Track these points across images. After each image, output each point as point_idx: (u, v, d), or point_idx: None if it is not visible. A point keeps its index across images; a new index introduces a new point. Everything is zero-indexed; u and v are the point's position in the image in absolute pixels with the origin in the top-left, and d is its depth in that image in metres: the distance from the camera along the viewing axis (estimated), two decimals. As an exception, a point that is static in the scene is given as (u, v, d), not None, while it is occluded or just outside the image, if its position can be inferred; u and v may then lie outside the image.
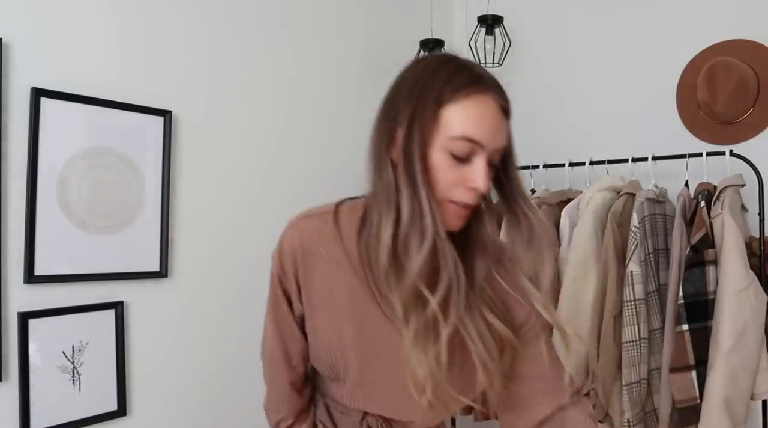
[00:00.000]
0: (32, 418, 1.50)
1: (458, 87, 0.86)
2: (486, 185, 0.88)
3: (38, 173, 1.52)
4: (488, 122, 0.87)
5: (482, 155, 0.87)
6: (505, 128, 0.90)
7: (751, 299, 1.75)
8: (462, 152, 0.86)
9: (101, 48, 1.66)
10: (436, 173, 0.87)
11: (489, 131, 0.87)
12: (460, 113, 0.86)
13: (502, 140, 0.89)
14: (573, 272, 1.94)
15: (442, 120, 0.86)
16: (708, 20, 2.25)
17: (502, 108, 0.89)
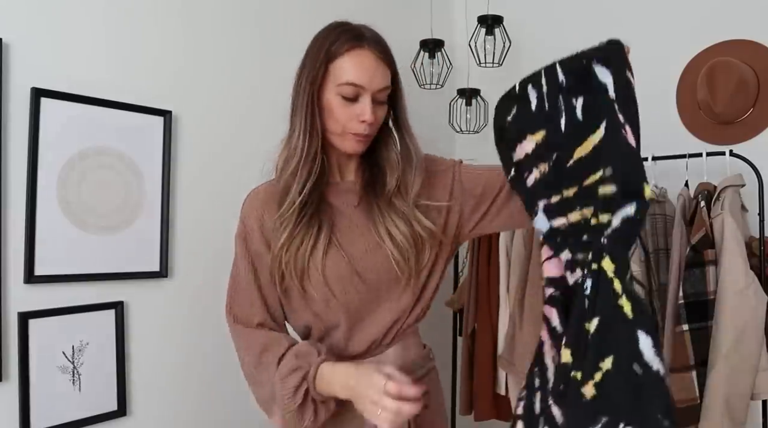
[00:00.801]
0: (32, 418, 1.50)
1: (341, 45, 1.12)
2: (372, 117, 1.12)
3: (38, 173, 1.52)
4: (366, 69, 1.12)
5: (366, 95, 1.12)
6: (383, 72, 1.14)
7: (751, 299, 1.75)
8: (349, 94, 1.12)
9: (101, 48, 1.66)
10: (333, 113, 1.13)
11: (367, 75, 1.12)
12: (343, 65, 1.12)
13: (380, 82, 1.13)
14: (573, 272, 1.94)
15: (331, 72, 1.12)
16: (708, 20, 2.25)
17: (379, 58, 1.13)
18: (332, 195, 1.21)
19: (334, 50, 1.13)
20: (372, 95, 1.13)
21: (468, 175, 1.27)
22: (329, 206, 1.20)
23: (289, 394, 1.10)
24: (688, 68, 2.27)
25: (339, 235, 1.17)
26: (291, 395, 1.10)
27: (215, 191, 1.91)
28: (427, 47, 2.42)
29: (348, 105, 1.13)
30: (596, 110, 0.96)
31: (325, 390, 1.09)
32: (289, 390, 1.10)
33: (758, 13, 2.16)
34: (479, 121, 2.55)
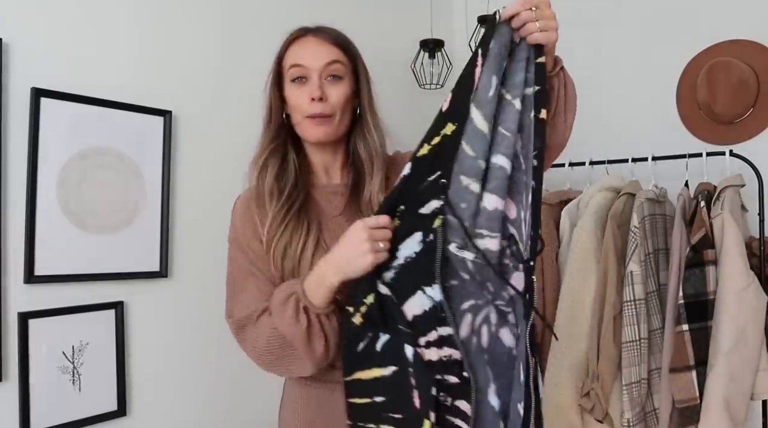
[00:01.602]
0: (32, 418, 1.50)
1: (288, 40, 1.22)
2: (318, 92, 1.15)
3: (38, 173, 1.52)
4: (307, 49, 1.18)
5: (313, 74, 1.17)
6: (327, 49, 1.18)
7: (751, 299, 1.75)
8: (296, 74, 1.17)
9: (101, 48, 1.66)
10: (290, 101, 1.19)
11: (308, 54, 1.17)
12: (289, 55, 1.20)
13: (323, 58, 1.17)
14: (573, 272, 1.94)
15: (283, 68, 1.21)
16: (708, 20, 2.25)
17: (321, 38, 1.19)
18: (320, 196, 1.23)
19: (282, 49, 1.22)
20: (321, 73, 1.16)
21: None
22: (317, 205, 1.21)
23: (292, 322, 1.07)
24: (688, 68, 2.28)
25: (327, 236, 1.18)
26: (294, 322, 1.07)
27: (215, 191, 1.91)
28: (427, 47, 2.42)
29: (299, 88, 1.17)
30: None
31: (319, 295, 1.07)
32: (290, 319, 1.08)
33: (758, 13, 2.16)
34: (479, 121, 2.54)
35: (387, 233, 1.04)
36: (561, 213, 2.08)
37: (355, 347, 1.05)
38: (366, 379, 1.05)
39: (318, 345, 1.09)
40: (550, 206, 2.10)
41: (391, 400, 1.03)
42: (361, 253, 1.02)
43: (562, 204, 2.12)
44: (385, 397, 1.04)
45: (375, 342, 1.04)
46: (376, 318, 1.04)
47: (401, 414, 1.03)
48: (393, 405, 1.03)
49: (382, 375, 1.03)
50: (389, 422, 1.04)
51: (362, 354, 1.05)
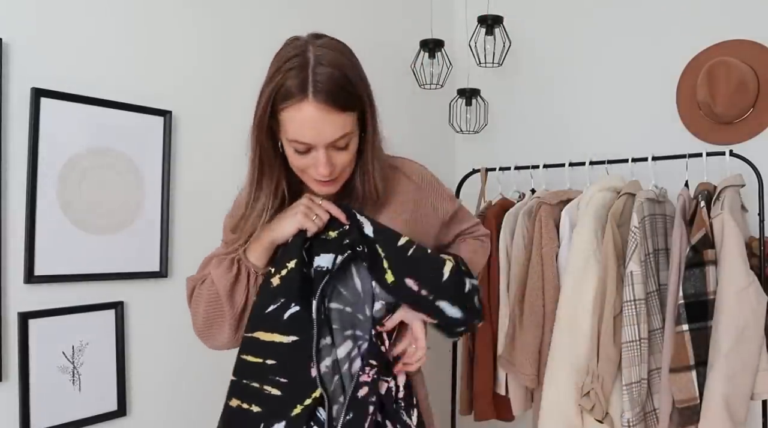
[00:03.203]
0: (32, 418, 1.50)
1: (285, 96, 1.03)
2: (326, 169, 1.06)
3: (38, 173, 1.52)
4: (311, 126, 1.03)
5: (320, 148, 1.05)
6: (332, 122, 1.04)
7: (751, 299, 1.75)
8: (300, 148, 1.07)
9: (101, 48, 1.66)
10: (291, 161, 1.11)
11: (312, 133, 1.04)
12: (288, 121, 1.04)
13: (331, 135, 1.04)
14: (573, 272, 1.94)
15: (280, 123, 1.06)
16: (708, 20, 2.25)
17: (326, 109, 1.02)
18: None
19: (279, 101, 1.05)
20: (326, 148, 1.06)
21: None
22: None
23: (224, 272, 1.14)
24: (688, 68, 2.28)
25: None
26: (225, 272, 1.14)
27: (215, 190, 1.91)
28: (427, 47, 2.42)
29: (303, 156, 1.08)
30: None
31: (253, 251, 1.14)
32: (224, 269, 1.14)
33: (758, 13, 2.16)
34: (479, 121, 2.55)
35: (326, 214, 1.11)
36: (561, 213, 2.08)
37: (265, 307, 1.11)
38: (265, 340, 1.11)
39: (239, 297, 1.15)
40: (550, 206, 2.10)
41: (282, 365, 1.09)
42: (292, 214, 1.10)
43: (562, 204, 2.12)
44: (276, 361, 1.10)
45: (284, 310, 1.10)
46: (293, 286, 1.09)
47: (287, 379, 1.09)
48: (282, 370, 1.09)
49: (281, 341, 1.10)
50: (274, 384, 1.10)
51: (269, 316, 1.11)
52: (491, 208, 2.32)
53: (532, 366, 2.03)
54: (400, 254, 1.12)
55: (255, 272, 1.14)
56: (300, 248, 1.11)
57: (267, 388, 1.11)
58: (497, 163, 2.43)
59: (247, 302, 1.16)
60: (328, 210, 1.12)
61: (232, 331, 1.17)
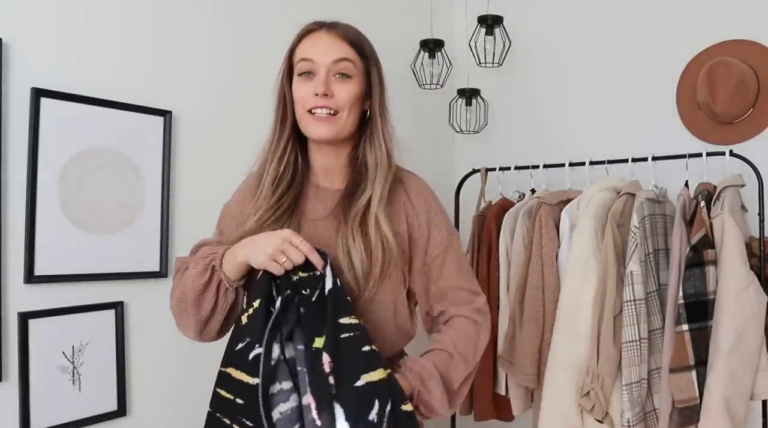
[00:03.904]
0: (32, 418, 1.50)
1: (300, 34, 1.19)
2: (323, 87, 1.12)
3: (38, 173, 1.52)
4: (317, 44, 1.15)
5: (321, 69, 1.14)
6: (337, 45, 1.15)
7: (751, 299, 1.75)
8: (304, 68, 1.15)
9: (101, 48, 1.66)
10: (294, 94, 1.16)
11: (318, 49, 1.15)
12: (300, 48, 1.17)
13: (333, 54, 1.14)
14: (573, 272, 1.94)
15: (293, 63, 1.18)
16: (708, 20, 2.25)
17: (333, 34, 1.16)
18: (314, 197, 1.20)
19: (293, 42, 1.19)
20: (329, 69, 1.14)
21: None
22: (305, 206, 1.20)
23: (197, 275, 1.12)
24: (688, 68, 2.28)
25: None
26: (199, 275, 1.12)
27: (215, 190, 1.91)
28: (427, 47, 2.42)
29: (306, 83, 1.14)
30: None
31: (228, 264, 1.11)
32: (198, 271, 1.12)
33: (758, 13, 2.16)
34: (479, 121, 2.55)
35: (300, 257, 1.07)
36: (561, 213, 2.08)
37: (235, 344, 1.09)
38: (235, 378, 1.08)
39: (205, 305, 1.13)
40: (550, 206, 2.10)
41: (248, 408, 1.05)
42: (263, 251, 1.07)
43: (562, 204, 2.12)
44: (244, 401, 1.06)
45: (249, 350, 1.06)
46: (257, 326, 1.06)
47: (252, 423, 1.05)
48: (248, 413, 1.05)
49: (248, 382, 1.06)
50: (241, 425, 1.07)
51: (238, 354, 1.08)
52: (491, 208, 2.32)
53: (532, 366, 2.03)
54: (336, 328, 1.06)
55: (227, 283, 1.12)
56: (267, 285, 1.09)
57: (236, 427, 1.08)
58: (497, 163, 2.42)
59: (214, 310, 1.14)
60: (307, 254, 1.07)
61: (196, 334, 1.18)
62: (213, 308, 1.13)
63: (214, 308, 1.13)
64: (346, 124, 1.16)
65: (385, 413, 1.03)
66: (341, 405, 1.02)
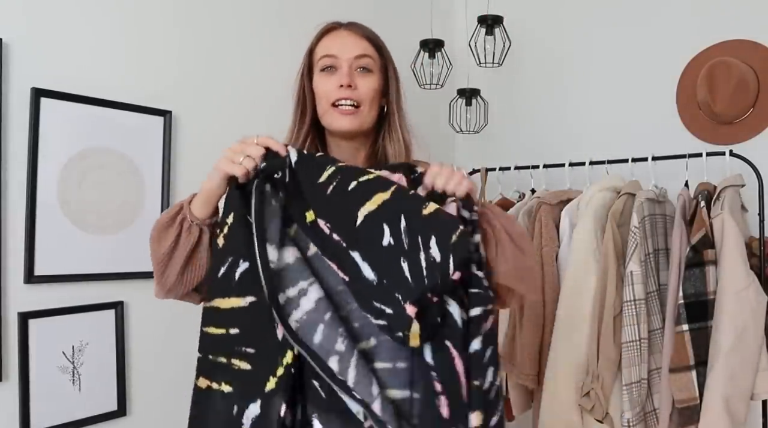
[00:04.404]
0: (32, 418, 1.50)
1: (320, 33, 1.23)
2: (348, 79, 1.15)
3: (38, 173, 1.52)
4: (338, 41, 1.20)
5: (343, 63, 1.17)
6: (358, 42, 1.20)
7: (751, 299, 1.75)
8: (326, 64, 1.18)
9: (101, 48, 1.66)
10: (318, 89, 1.18)
11: (338, 45, 1.19)
12: (321, 46, 1.21)
13: (354, 50, 1.18)
14: (573, 272, 1.94)
15: (314, 61, 1.21)
16: (708, 20, 2.25)
17: (353, 32, 1.21)
18: None
19: (314, 41, 1.23)
20: (351, 64, 1.17)
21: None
22: None
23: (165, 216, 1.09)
24: (688, 68, 2.27)
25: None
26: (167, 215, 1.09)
27: (215, 191, 1.91)
28: (427, 47, 2.42)
29: (329, 77, 1.18)
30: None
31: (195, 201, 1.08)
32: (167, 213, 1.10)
33: (758, 13, 2.16)
34: (479, 121, 2.55)
35: (258, 149, 1.02)
36: (561, 213, 2.08)
37: (217, 272, 1.02)
38: (224, 308, 1.01)
39: (166, 241, 1.08)
40: (550, 206, 2.10)
41: (245, 333, 0.98)
42: (217, 165, 1.04)
43: (562, 204, 2.12)
44: (239, 329, 0.99)
45: (234, 269, 0.99)
46: (238, 241, 0.99)
47: (254, 349, 0.97)
48: (246, 339, 0.98)
49: (239, 305, 0.99)
50: (241, 356, 0.98)
51: (222, 280, 1.01)
52: (491, 208, 2.31)
53: (532, 366, 2.03)
54: (317, 191, 0.99)
55: (190, 220, 1.08)
56: (237, 198, 1.01)
57: (235, 362, 0.99)
58: (497, 163, 2.42)
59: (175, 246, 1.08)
60: (264, 145, 1.04)
61: (156, 275, 1.12)
62: (174, 244, 1.08)
63: (175, 245, 1.08)
64: (368, 117, 1.19)
65: (400, 229, 0.93)
66: (359, 251, 0.95)
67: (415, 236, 0.92)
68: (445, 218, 0.93)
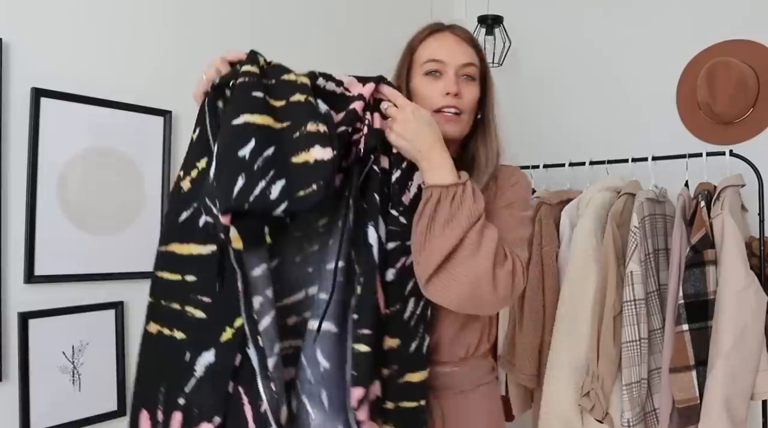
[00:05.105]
0: (32, 418, 1.50)
1: (422, 34, 1.24)
2: (455, 87, 1.15)
3: (38, 173, 1.52)
4: (445, 45, 1.19)
5: (449, 70, 1.17)
6: (465, 49, 1.20)
7: (751, 299, 1.75)
8: (432, 68, 1.17)
9: (101, 48, 1.66)
10: (420, 94, 1.17)
11: (446, 51, 1.18)
12: (424, 49, 1.20)
13: (462, 58, 1.18)
14: (573, 272, 1.94)
15: (415, 61, 1.20)
16: (708, 20, 2.25)
17: (459, 37, 1.21)
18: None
19: (416, 40, 1.23)
20: (456, 71, 1.16)
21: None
22: None
23: None
24: (688, 68, 2.28)
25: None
26: None
27: (215, 191, 1.91)
28: (427, 47, 2.41)
29: (433, 82, 1.17)
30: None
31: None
32: None
33: (758, 13, 2.16)
34: (479, 121, 2.54)
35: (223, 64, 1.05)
36: (561, 213, 2.08)
37: (177, 215, 0.99)
38: (181, 254, 0.98)
39: None
40: (550, 206, 2.10)
41: (203, 282, 0.96)
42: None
43: (562, 204, 2.12)
44: (197, 277, 0.97)
45: (199, 215, 0.97)
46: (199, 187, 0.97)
47: (211, 298, 0.96)
48: (204, 288, 0.96)
49: (200, 253, 0.96)
50: (196, 305, 0.97)
51: (183, 225, 0.98)
52: (491, 208, 2.31)
53: (532, 366, 2.03)
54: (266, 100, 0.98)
55: None
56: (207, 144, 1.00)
57: (189, 310, 0.97)
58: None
59: None
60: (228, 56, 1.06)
61: None
62: None
63: None
64: (467, 124, 1.19)
65: (261, 153, 0.92)
66: (218, 149, 0.94)
67: (269, 169, 0.92)
68: (311, 172, 0.92)
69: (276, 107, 0.98)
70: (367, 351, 0.97)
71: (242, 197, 0.90)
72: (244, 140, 0.92)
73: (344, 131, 1.00)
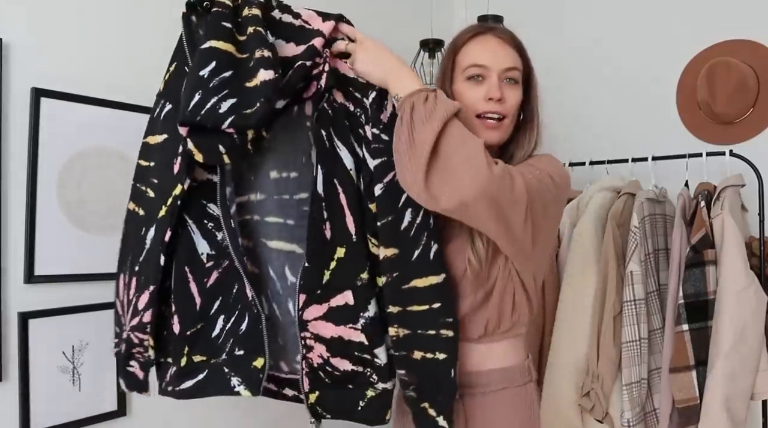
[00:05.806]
0: (32, 418, 1.50)
1: (465, 35, 1.20)
2: (498, 93, 1.14)
3: (38, 173, 1.52)
4: (488, 49, 1.17)
5: (492, 74, 1.16)
6: (509, 52, 1.18)
7: (751, 299, 1.75)
8: (474, 73, 1.16)
9: (101, 48, 1.66)
10: (463, 98, 1.15)
11: (489, 55, 1.16)
12: (467, 51, 1.18)
13: (505, 61, 1.17)
14: (573, 272, 1.94)
15: (457, 63, 1.19)
16: (708, 20, 2.25)
17: (502, 40, 1.18)
18: None
19: (459, 42, 1.20)
20: (499, 75, 1.16)
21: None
22: None
23: None
24: (688, 68, 2.28)
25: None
26: None
27: (215, 191, 1.91)
28: (427, 47, 2.42)
29: (476, 87, 1.16)
30: None
31: None
32: None
33: (758, 13, 2.16)
34: (479, 121, 2.54)
35: None
36: (561, 213, 2.08)
37: (154, 112, 1.20)
38: (151, 144, 1.20)
39: None
40: (550, 206, 2.10)
41: (156, 166, 1.16)
42: None
43: (562, 204, 2.12)
44: (154, 163, 1.18)
45: (161, 111, 1.16)
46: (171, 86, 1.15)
47: (158, 179, 1.16)
48: (156, 171, 1.16)
49: (157, 142, 1.17)
50: (150, 185, 1.19)
51: (155, 119, 1.19)
52: (491, 208, 2.31)
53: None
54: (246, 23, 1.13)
55: None
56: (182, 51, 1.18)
57: (148, 190, 1.18)
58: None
59: None
60: None
61: None
62: None
63: None
64: (509, 128, 1.19)
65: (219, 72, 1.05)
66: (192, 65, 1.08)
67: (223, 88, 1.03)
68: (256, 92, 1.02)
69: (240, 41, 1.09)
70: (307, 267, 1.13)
71: (195, 111, 1.02)
72: (207, 61, 1.04)
73: (303, 64, 1.09)
